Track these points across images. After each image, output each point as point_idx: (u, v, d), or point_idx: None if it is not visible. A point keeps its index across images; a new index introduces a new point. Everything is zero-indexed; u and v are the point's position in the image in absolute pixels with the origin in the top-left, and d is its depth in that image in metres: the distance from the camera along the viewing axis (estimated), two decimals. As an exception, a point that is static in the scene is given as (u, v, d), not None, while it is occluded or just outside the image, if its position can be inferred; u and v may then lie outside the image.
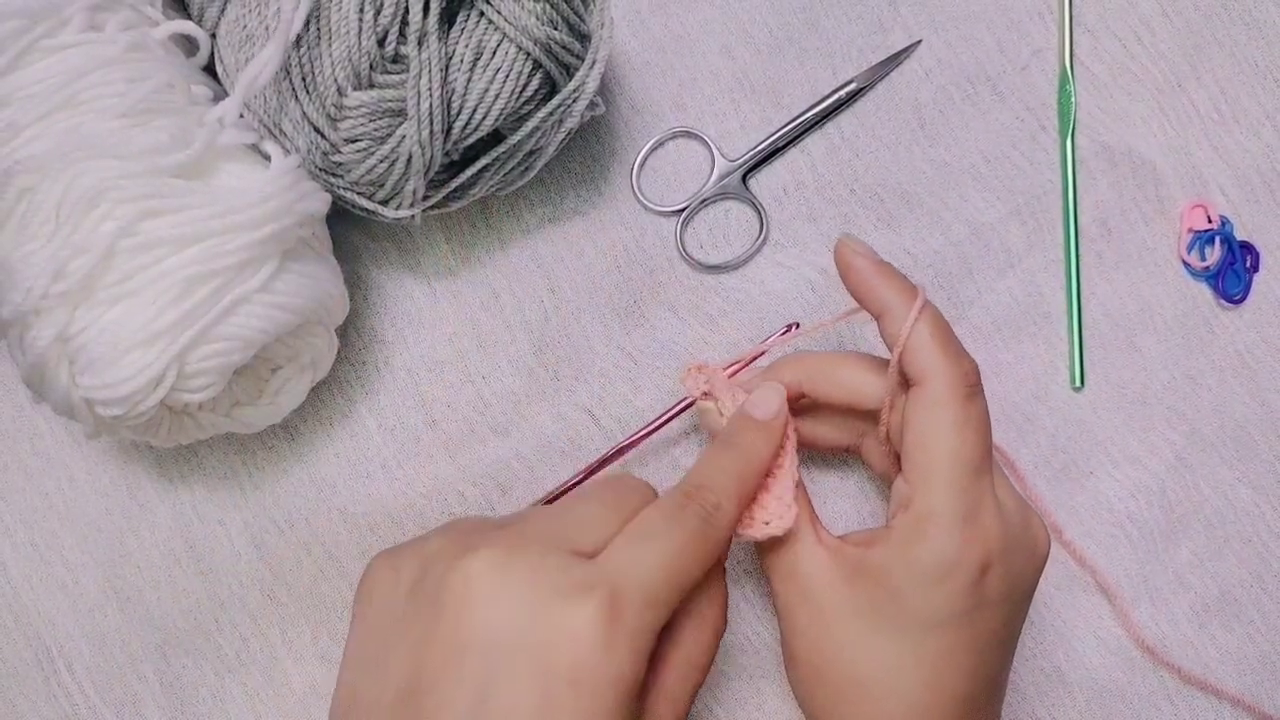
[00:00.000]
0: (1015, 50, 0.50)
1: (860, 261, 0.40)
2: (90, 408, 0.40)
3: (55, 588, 0.47)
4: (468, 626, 0.33)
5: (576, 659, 0.32)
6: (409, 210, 0.44)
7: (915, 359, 0.38)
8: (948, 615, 0.37)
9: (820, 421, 0.44)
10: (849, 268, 0.40)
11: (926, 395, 0.38)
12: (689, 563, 0.35)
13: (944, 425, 0.37)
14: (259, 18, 0.42)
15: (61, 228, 0.39)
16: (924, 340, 0.38)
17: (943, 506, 0.37)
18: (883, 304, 0.39)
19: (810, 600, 0.39)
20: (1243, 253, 0.49)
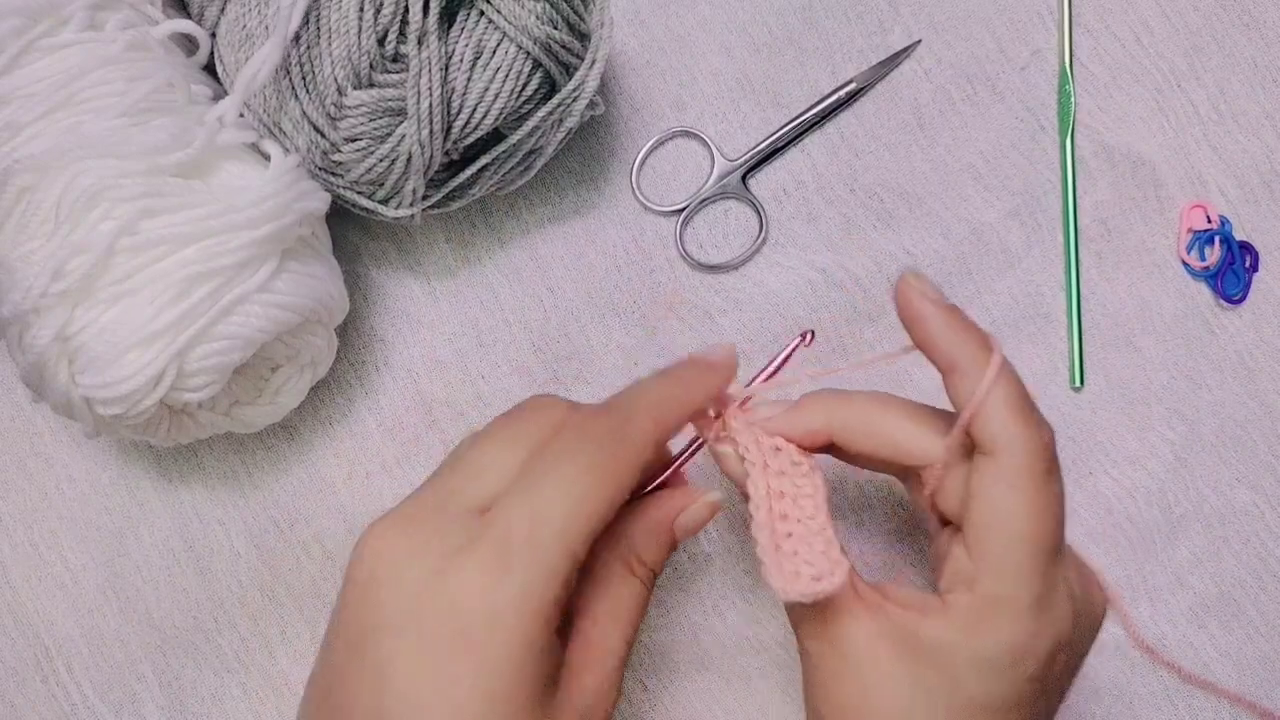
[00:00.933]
0: (1015, 50, 0.50)
1: (929, 309, 0.35)
2: (89, 407, 0.40)
3: (54, 587, 0.47)
4: (363, 610, 0.32)
5: (464, 625, 0.31)
6: (409, 209, 0.44)
7: (989, 426, 0.33)
8: (1009, 703, 0.33)
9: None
10: (917, 318, 0.35)
11: (1001, 469, 0.33)
12: (594, 491, 0.32)
13: (1020, 506, 0.33)
14: (259, 17, 0.42)
15: (61, 227, 0.39)
16: (1001, 406, 0.33)
17: (1015, 594, 0.33)
18: (953, 359, 0.34)
19: (849, 667, 0.34)
20: (1242, 253, 0.49)
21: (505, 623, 0.31)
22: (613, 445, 0.33)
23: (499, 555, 0.31)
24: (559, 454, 0.33)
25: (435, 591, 0.31)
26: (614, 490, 0.33)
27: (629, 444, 0.34)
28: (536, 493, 0.32)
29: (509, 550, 0.31)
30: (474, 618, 0.31)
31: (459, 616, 0.31)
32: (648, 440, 0.34)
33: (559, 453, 0.33)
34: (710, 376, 0.36)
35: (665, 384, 0.36)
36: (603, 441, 0.33)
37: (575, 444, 0.33)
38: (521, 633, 0.31)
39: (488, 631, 0.31)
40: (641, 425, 0.34)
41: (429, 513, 0.33)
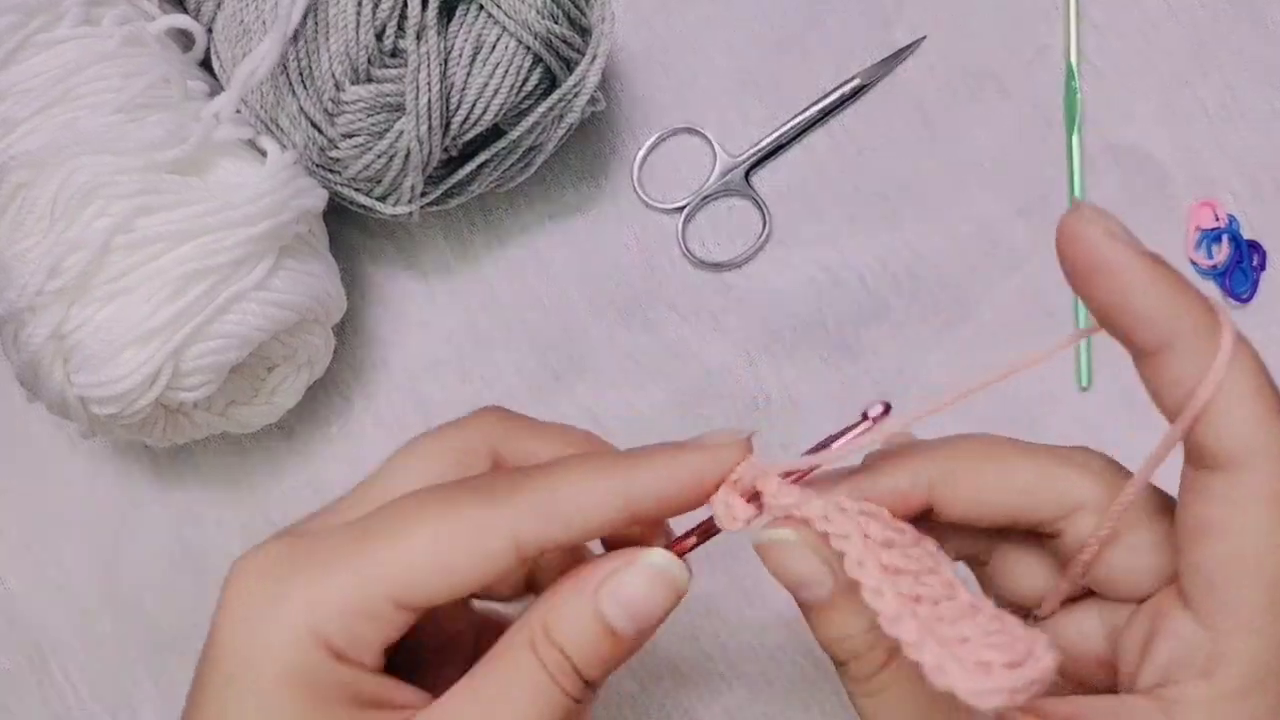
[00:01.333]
0: (1020, 47, 0.50)
1: (1128, 257, 0.24)
2: (85, 406, 0.40)
3: (49, 588, 0.47)
4: (209, 650, 0.29)
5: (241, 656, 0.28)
6: (407, 207, 0.43)
7: (1230, 429, 0.24)
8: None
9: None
10: (1108, 268, 0.24)
11: (1248, 490, 0.24)
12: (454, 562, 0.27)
13: (1273, 541, 0.24)
14: (255, 12, 0.42)
15: (56, 224, 0.39)
16: (1245, 399, 0.24)
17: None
18: (1168, 331, 0.24)
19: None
20: (1250, 251, 0.49)
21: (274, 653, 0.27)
22: (483, 507, 0.27)
23: (287, 561, 0.28)
24: (419, 499, 0.28)
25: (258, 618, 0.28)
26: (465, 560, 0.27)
27: (510, 513, 0.27)
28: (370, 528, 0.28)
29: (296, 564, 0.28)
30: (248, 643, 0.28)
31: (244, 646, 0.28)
32: (540, 512, 0.27)
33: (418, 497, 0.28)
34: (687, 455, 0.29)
35: (609, 457, 0.29)
36: (494, 514, 0.27)
37: (460, 502, 0.28)
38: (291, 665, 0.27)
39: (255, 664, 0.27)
40: (540, 492, 0.28)
41: (302, 531, 0.30)
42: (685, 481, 0.28)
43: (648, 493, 0.28)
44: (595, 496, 0.28)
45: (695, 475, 0.28)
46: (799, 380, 0.48)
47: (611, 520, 0.28)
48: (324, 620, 0.27)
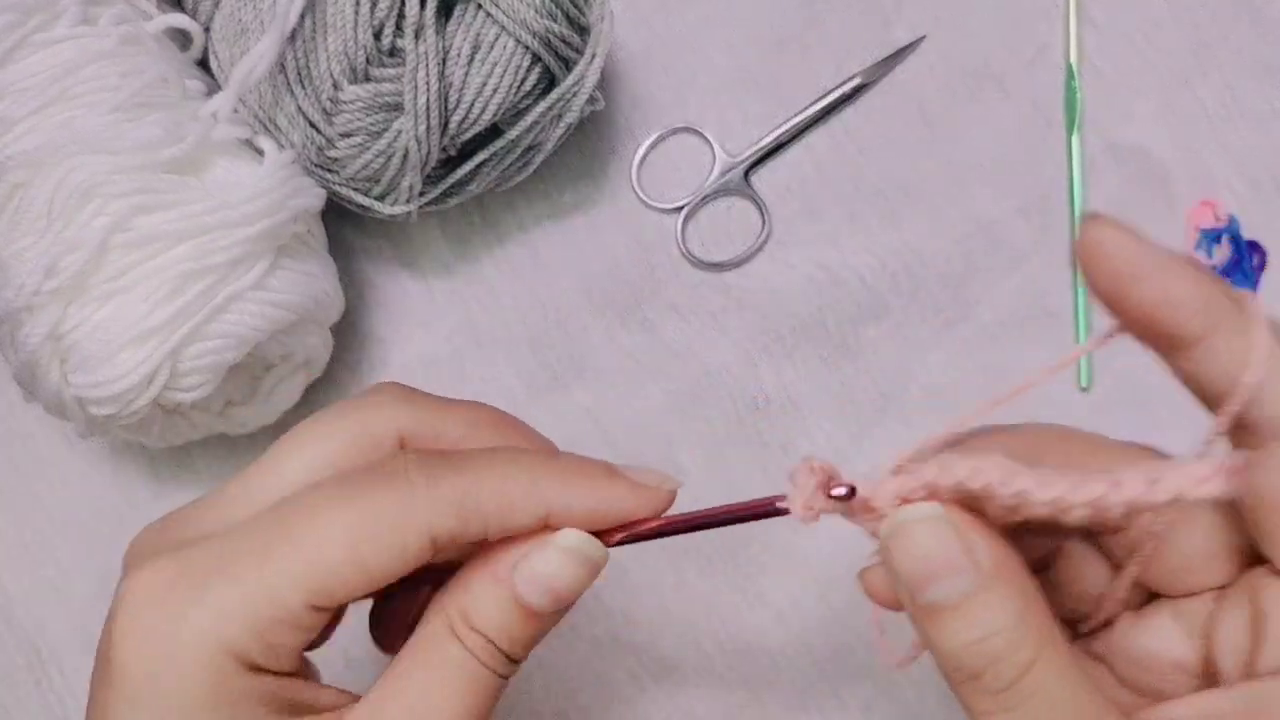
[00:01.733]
0: (1021, 46, 0.50)
1: (1156, 255, 0.25)
2: (82, 406, 0.39)
3: (46, 589, 0.47)
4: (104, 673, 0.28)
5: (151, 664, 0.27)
6: (405, 206, 0.43)
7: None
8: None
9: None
10: (1139, 274, 0.24)
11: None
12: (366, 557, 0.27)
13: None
14: (253, 11, 0.41)
15: (54, 224, 0.38)
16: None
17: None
18: (1208, 320, 0.25)
19: None
20: (1250, 251, 0.49)
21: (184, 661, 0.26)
22: (397, 497, 0.27)
23: (185, 576, 0.27)
24: (327, 491, 0.27)
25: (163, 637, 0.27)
26: (380, 552, 0.27)
27: (423, 500, 0.27)
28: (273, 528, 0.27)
29: (196, 577, 0.27)
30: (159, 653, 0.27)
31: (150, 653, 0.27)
32: (455, 503, 0.27)
33: (327, 490, 0.27)
34: (613, 486, 0.28)
35: (534, 459, 0.28)
36: (412, 509, 0.27)
37: (374, 496, 0.27)
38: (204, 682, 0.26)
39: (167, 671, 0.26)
40: (458, 485, 0.27)
41: (189, 524, 0.29)
42: (608, 513, 0.28)
43: (569, 511, 0.28)
44: (517, 503, 0.27)
45: (619, 510, 0.28)
46: (799, 380, 0.48)
47: (529, 525, 0.28)
48: (235, 635, 0.26)
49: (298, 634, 0.27)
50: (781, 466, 0.47)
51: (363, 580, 0.27)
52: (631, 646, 0.46)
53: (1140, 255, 0.25)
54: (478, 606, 0.28)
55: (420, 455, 0.28)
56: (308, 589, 0.26)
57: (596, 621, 0.46)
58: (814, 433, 0.47)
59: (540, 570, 0.28)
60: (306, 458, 0.29)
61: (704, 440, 0.47)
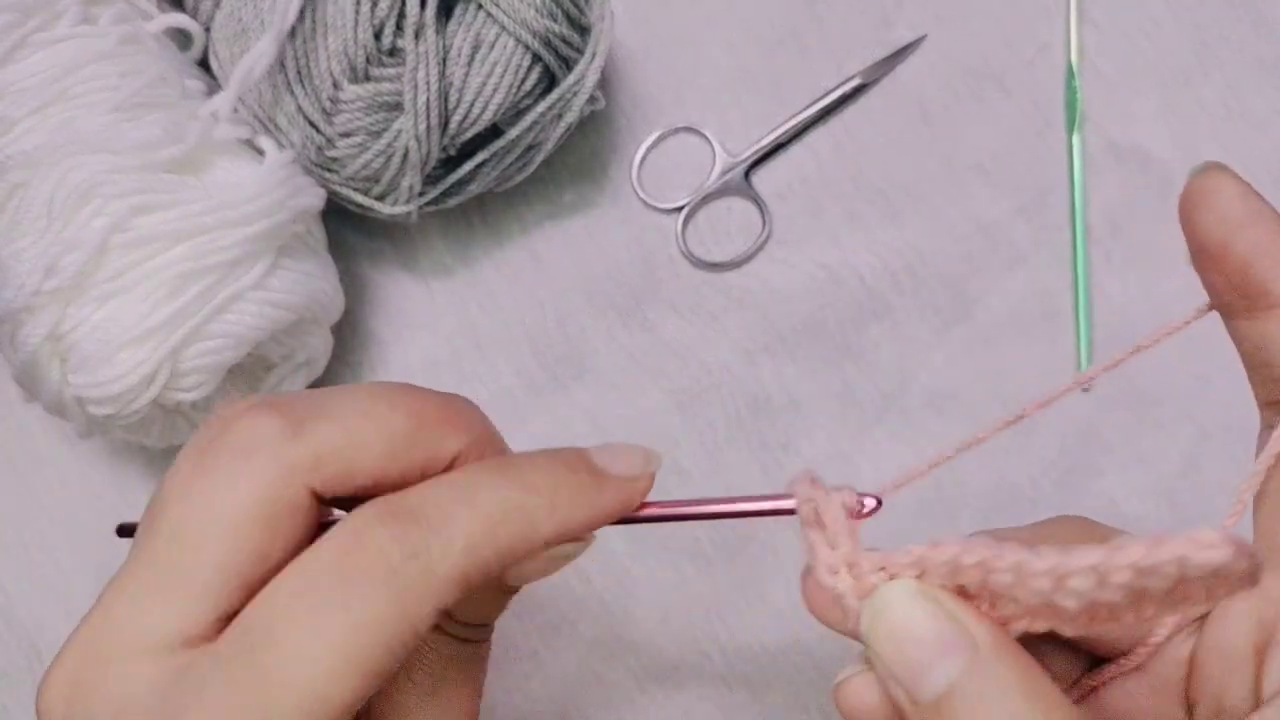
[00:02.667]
0: (1021, 45, 0.50)
1: (1261, 210, 0.23)
2: (82, 406, 0.39)
3: (46, 589, 0.47)
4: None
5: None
6: (405, 206, 0.43)
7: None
8: None
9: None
10: (1251, 216, 0.23)
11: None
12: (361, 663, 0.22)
13: None
14: (253, 10, 0.41)
15: (53, 223, 0.38)
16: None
17: None
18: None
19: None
20: (1251, 251, 0.49)
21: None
22: (391, 600, 0.22)
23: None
24: (305, 599, 0.22)
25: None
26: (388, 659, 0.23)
27: (421, 594, 0.23)
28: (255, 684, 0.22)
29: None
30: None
31: None
32: (455, 583, 0.23)
33: (304, 597, 0.23)
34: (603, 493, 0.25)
35: (513, 492, 0.24)
36: (380, 582, 0.22)
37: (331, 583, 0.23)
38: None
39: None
40: (451, 559, 0.23)
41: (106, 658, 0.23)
42: (602, 518, 0.25)
43: (566, 531, 0.25)
44: (518, 547, 0.24)
45: (600, 514, 0.25)
46: (799, 380, 0.48)
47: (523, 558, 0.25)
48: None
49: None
50: (782, 466, 0.47)
51: (377, 687, 0.23)
52: (631, 646, 0.46)
53: (1253, 204, 0.24)
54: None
55: (391, 535, 0.23)
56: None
57: (596, 621, 0.46)
58: (814, 433, 0.47)
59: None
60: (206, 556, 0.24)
61: (704, 440, 0.47)
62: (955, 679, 0.21)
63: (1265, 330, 0.24)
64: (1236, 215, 0.24)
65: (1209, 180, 0.24)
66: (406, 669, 0.26)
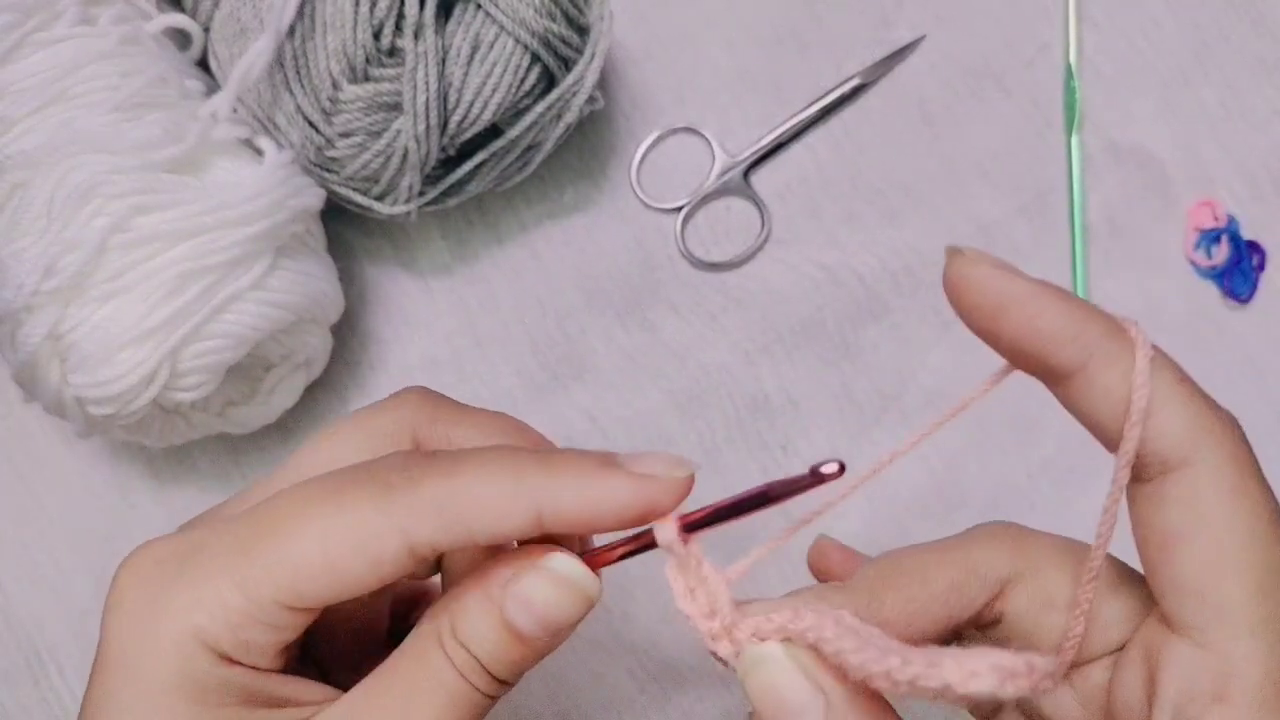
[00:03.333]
0: (1021, 46, 0.50)
1: (1026, 288, 0.24)
2: (81, 406, 0.39)
3: (45, 589, 0.47)
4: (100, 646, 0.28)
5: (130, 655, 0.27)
6: (404, 206, 0.43)
7: (1173, 425, 0.23)
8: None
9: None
10: (1006, 304, 0.24)
11: (1208, 482, 0.23)
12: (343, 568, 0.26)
13: (1249, 525, 0.23)
14: (252, 10, 0.41)
15: (53, 223, 0.38)
16: (1179, 392, 0.24)
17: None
18: (1083, 349, 0.24)
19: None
20: (1250, 252, 0.49)
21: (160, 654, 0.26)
22: (374, 503, 0.26)
23: (170, 562, 0.27)
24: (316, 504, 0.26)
25: (142, 619, 0.27)
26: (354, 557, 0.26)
27: (401, 506, 0.25)
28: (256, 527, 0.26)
29: (178, 564, 0.27)
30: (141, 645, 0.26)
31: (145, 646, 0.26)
32: (435, 510, 0.25)
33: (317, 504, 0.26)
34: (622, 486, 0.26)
35: (527, 460, 0.26)
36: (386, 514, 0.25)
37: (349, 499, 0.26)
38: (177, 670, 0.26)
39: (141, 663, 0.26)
40: (444, 495, 0.25)
41: (194, 525, 0.29)
42: (605, 508, 0.26)
43: (562, 511, 0.26)
44: (502, 503, 0.25)
45: (615, 504, 0.26)
46: (799, 380, 0.48)
47: (519, 531, 0.26)
48: (207, 625, 0.26)
49: (270, 631, 0.26)
50: (780, 466, 0.47)
51: (335, 584, 0.26)
52: (631, 646, 0.46)
53: (1005, 286, 0.24)
54: (467, 621, 0.27)
55: (403, 456, 0.27)
56: (278, 587, 0.26)
57: (596, 621, 0.46)
58: (813, 433, 0.47)
59: (528, 594, 0.26)
60: (324, 458, 0.29)
61: (703, 440, 0.47)
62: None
63: (1072, 399, 0.25)
64: (992, 303, 0.24)
65: (959, 269, 0.24)
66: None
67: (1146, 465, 0.24)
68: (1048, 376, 0.25)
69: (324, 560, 0.26)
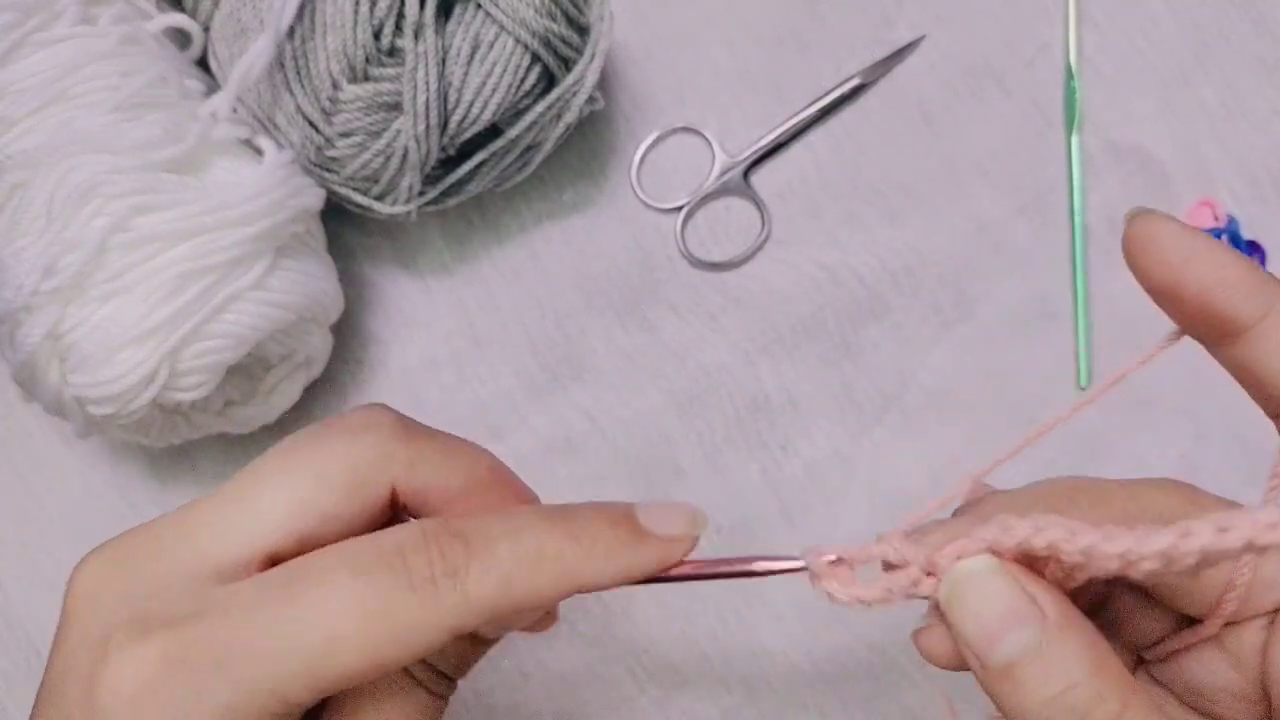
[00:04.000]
0: (1021, 46, 0.50)
1: (1203, 242, 0.24)
2: (81, 406, 0.39)
3: (45, 589, 0.47)
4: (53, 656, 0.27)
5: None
6: (404, 206, 0.43)
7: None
8: None
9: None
10: (1191, 256, 0.24)
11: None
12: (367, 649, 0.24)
13: None
14: (253, 10, 0.41)
15: (53, 223, 0.38)
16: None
17: None
18: (1264, 300, 0.24)
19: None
20: (1250, 251, 0.49)
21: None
22: (422, 603, 0.24)
23: (186, 664, 0.24)
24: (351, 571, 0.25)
25: (102, 663, 0.25)
26: (400, 654, 0.25)
27: (450, 608, 0.24)
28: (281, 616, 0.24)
29: (199, 666, 0.24)
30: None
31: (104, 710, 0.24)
32: (483, 609, 0.25)
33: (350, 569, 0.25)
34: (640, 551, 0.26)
35: (555, 536, 0.26)
36: (415, 587, 0.24)
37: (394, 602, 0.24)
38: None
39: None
40: (485, 588, 0.25)
41: (154, 558, 0.26)
42: (635, 576, 0.26)
43: (598, 585, 0.26)
44: (544, 593, 0.25)
45: (646, 570, 0.26)
46: (799, 380, 0.48)
47: (550, 606, 0.26)
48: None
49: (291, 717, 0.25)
50: (780, 467, 0.47)
51: (374, 676, 0.25)
52: (631, 646, 0.46)
53: (1191, 241, 0.24)
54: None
55: (440, 548, 0.25)
56: (313, 686, 0.24)
57: (596, 621, 0.46)
58: (813, 433, 0.47)
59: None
60: (287, 491, 0.26)
61: (703, 440, 0.47)
62: (1024, 648, 0.23)
63: (1244, 355, 0.25)
64: (1178, 257, 0.25)
65: (1145, 226, 0.25)
66: (376, 710, 0.27)
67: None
68: (1221, 332, 0.25)
69: (368, 661, 0.24)
